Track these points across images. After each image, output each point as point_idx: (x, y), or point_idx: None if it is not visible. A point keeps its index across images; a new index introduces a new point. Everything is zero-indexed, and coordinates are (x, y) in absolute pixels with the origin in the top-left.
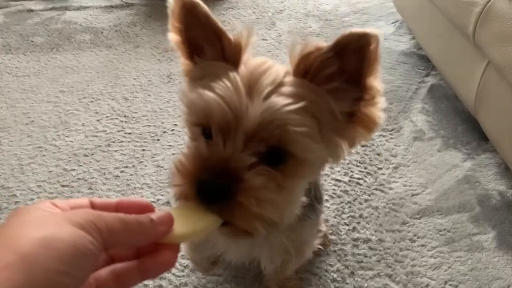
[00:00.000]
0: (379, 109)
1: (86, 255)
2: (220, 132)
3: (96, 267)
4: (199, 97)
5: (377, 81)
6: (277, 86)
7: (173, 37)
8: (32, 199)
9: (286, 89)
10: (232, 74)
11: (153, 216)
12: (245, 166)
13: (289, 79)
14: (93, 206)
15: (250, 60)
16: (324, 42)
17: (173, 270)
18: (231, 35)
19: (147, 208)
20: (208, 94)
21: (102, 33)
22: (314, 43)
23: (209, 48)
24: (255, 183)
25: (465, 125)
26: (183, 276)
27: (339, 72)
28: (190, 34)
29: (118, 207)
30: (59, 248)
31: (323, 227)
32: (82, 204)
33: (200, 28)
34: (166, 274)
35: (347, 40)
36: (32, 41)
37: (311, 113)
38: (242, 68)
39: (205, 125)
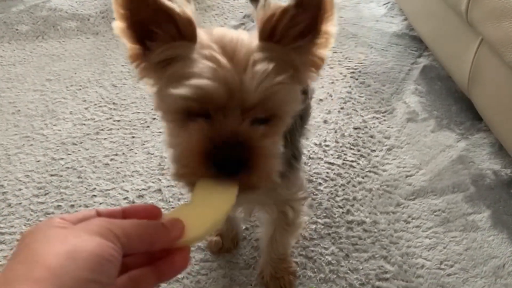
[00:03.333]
0: (329, 49)
1: (111, 261)
2: (218, 110)
3: (115, 277)
4: (189, 86)
5: (332, 27)
6: (251, 53)
7: (117, 24)
8: (20, 189)
9: (260, 55)
10: (208, 52)
11: (165, 221)
12: (254, 134)
13: (257, 44)
14: (99, 215)
15: (204, 33)
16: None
17: None
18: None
19: (154, 212)
20: (200, 81)
21: (88, 20)
22: (276, 4)
23: (161, 30)
24: (265, 145)
25: (458, 105)
26: None
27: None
28: (137, 18)
29: (124, 215)
30: (84, 258)
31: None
32: (90, 215)
33: (147, 11)
34: None
35: None
36: (16, 29)
37: (284, 69)
38: (210, 43)
39: (193, 110)
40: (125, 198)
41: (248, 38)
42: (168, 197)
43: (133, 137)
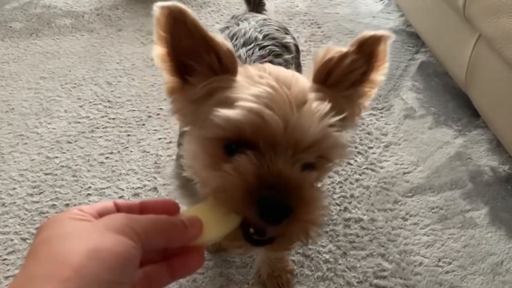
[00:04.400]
0: (371, 99)
1: (131, 261)
2: (269, 144)
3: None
4: (244, 109)
5: (380, 76)
6: (307, 92)
7: (158, 49)
8: (14, 188)
9: (315, 95)
10: (264, 80)
11: (185, 219)
12: (305, 182)
13: (311, 85)
14: (117, 208)
15: (251, 67)
16: (343, 47)
17: None
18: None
19: (171, 207)
20: (256, 105)
21: (83, 17)
22: (336, 48)
23: (201, 63)
24: (313, 197)
25: (455, 101)
26: None
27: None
28: (178, 45)
29: (142, 209)
30: (106, 259)
31: None
32: (108, 207)
33: (188, 38)
34: None
35: (369, 42)
36: (10, 27)
37: (337, 115)
38: (263, 73)
39: (242, 138)
40: (120, 197)
41: (302, 77)
42: (164, 195)
43: (129, 135)
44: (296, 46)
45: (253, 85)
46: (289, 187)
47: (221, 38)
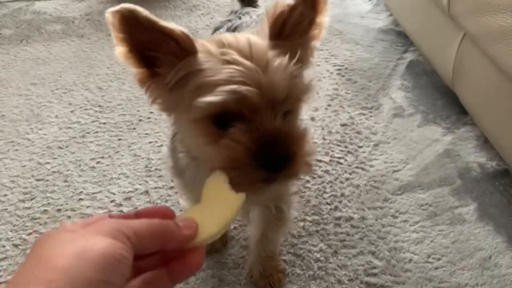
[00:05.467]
0: (320, 40)
1: (121, 261)
2: (252, 111)
3: (127, 278)
4: (226, 92)
5: (325, 18)
6: (267, 52)
7: (119, 49)
8: (5, 195)
9: (274, 52)
10: (229, 57)
11: (180, 221)
12: (290, 127)
13: (269, 43)
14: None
15: (209, 42)
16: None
17: None
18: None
19: (167, 214)
20: (235, 86)
21: (73, 22)
22: (284, 3)
23: (163, 52)
24: (301, 135)
25: (444, 99)
26: None
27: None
28: (136, 41)
29: (137, 217)
30: (93, 258)
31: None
32: (101, 218)
33: (145, 33)
34: None
35: None
36: (0, 33)
37: (296, 63)
38: (225, 49)
39: (230, 113)
40: (112, 201)
41: (258, 38)
42: (155, 198)
43: (119, 139)
44: None
45: (220, 65)
46: (282, 137)
47: (173, 25)
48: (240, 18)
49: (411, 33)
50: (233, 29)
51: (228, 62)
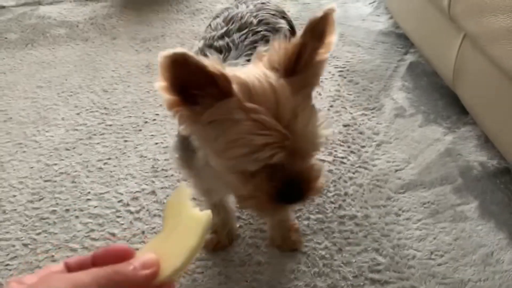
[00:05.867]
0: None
1: None
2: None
3: None
4: (256, 161)
5: (333, 37)
6: (289, 101)
7: (160, 84)
8: (14, 196)
9: (296, 100)
10: (257, 116)
11: (135, 261)
12: (311, 170)
13: (289, 89)
14: (68, 267)
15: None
16: (292, 37)
17: None
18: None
19: (125, 253)
20: (264, 154)
21: (77, 26)
22: (287, 41)
23: (204, 92)
24: (318, 176)
25: (444, 100)
26: None
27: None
28: (180, 80)
29: (94, 261)
30: None
31: None
32: (54, 270)
33: (191, 75)
34: None
35: (313, 25)
36: (5, 38)
37: (310, 98)
38: (253, 105)
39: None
40: (119, 201)
41: (277, 81)
42: (162, 198)
43: (126, 140)
44: (292, 28)
45: (255, 129)
46: (302, 178)
47: (216, 66)
48: (237, 7)
49: (411, 35)
50: (229, 19)
51: (259, 126)
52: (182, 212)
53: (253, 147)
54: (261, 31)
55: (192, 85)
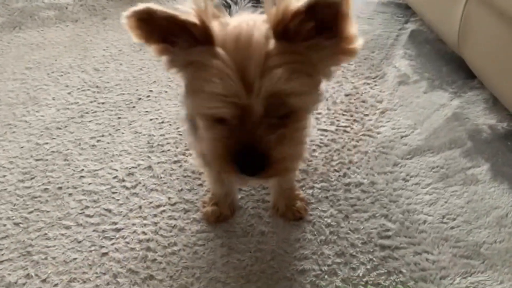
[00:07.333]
0: (357, 43)
1: None
2: (235, 118)
3: None
4: (207, 107)
5: (353, 28)
6: (265, 59)
7: (134, 39)
8: (4, 176)
9: (274, 60)
10: (222, 66)
11: None
12: (269, 139)
13: (273, 46)
14: None
15: (223, 30)
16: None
17: (161, 231)
18: (194, 16)
19: None
20: (214, 104)
21: (66, 8)
22: (286, 4)
23: (179, 39)
24: (281, 149)
25: (449, 66)
26: (172, 236)
27: (316, 28)
28: (155, 34)
29: None
30: None
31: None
32: None
33: (163, 26)
34: (153, 235)
35: (313, 4)
36: None
37: (300, 70)
38: (223, 55)
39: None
40: (114, 177)
41: (262, 36)
42: (159, 173)
43: (119, 118)
44: None
45: (213, 76)
46: (256, 147)
47: (190, 15)
48: None
49: (412, 2)
50: None
51: (218, 75)
52: None
53: (204, 94)
54: None
55: (169, 32)
